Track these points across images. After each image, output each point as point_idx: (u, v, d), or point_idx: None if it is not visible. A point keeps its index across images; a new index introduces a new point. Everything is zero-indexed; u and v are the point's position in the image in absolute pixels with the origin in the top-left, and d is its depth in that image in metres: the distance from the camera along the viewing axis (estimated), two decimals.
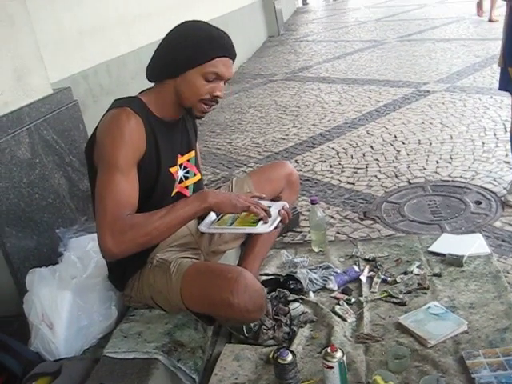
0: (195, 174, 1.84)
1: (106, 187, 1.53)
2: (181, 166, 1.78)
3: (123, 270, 1.78)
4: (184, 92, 1.61)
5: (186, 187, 1.80)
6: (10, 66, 2.20)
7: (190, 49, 1.56)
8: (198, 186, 1.85)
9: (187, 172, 1.81)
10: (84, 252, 1.98)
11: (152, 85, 1.73)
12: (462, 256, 2.17)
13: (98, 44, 3.55)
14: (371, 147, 3.82)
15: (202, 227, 1.73)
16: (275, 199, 1.87)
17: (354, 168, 3.50)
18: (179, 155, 1.77)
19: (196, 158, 1.88)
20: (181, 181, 1.78)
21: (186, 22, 1.67)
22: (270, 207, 1.69)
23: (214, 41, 1.59)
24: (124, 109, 1.57)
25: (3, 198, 2.00)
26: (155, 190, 1.67)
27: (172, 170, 1.73)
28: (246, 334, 1.88)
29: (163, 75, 1.64)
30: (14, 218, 2.04)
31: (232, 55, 1.64)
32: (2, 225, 1.98)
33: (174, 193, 1.76)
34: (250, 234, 2.06)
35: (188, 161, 1.81)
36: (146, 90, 1.72)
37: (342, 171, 3.48)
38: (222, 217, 1.75)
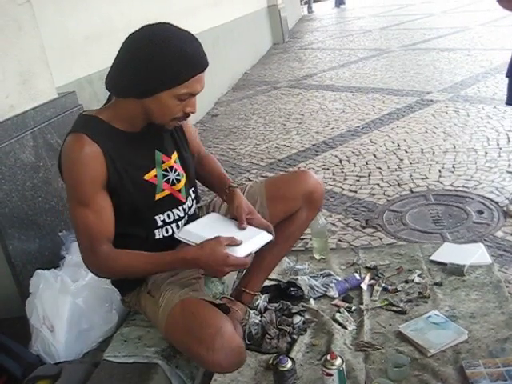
0: (183, 175, 1.73)
1: (75, 220, 1.54)
2: (171, 168, 1.68)
3: (121, 284, 1.77)
4: (155, 112, 1.49)
5: (179, 190, 1.70)
6: (16, 69, 2.22)
7: (162, 71, 1.41)
8: (187, 189, 1.75)
9: (178, 174, 1.70)
10: None
11: None
12: (464, 265, 2.16)
13: (104, 49, 3.56)
14: (374, 155, 3.82)
15: (182, 235, 1.63)
16: (265, 228, 1.67)
17: (357, 176, 3.50)
18: (164, 157, 1.67)
19: (183, 158, 1.75)
20: (173, 183, 1.68)
21: (148, 28, 1.49)
22: (255, 236, 1.61)
23: (188, 60, 1.43)
24: (79, 137, 1.48)
25: (6, 200, 2.01)
26: (135, 202, 1.59)
27: (147, 176, 1.61)
28: (247, 342, 1.87)
29: (128, 94, 1.48)
30: (16, 220, 2.05)
31: (205, 67, 1.49)
32: (4, 227, 1.99)
33: (158, 197, 1.65)
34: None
35: (175, 162, 1.71)
36: (106, 105, 1.60)
37: (345, 179, 3.48)
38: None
